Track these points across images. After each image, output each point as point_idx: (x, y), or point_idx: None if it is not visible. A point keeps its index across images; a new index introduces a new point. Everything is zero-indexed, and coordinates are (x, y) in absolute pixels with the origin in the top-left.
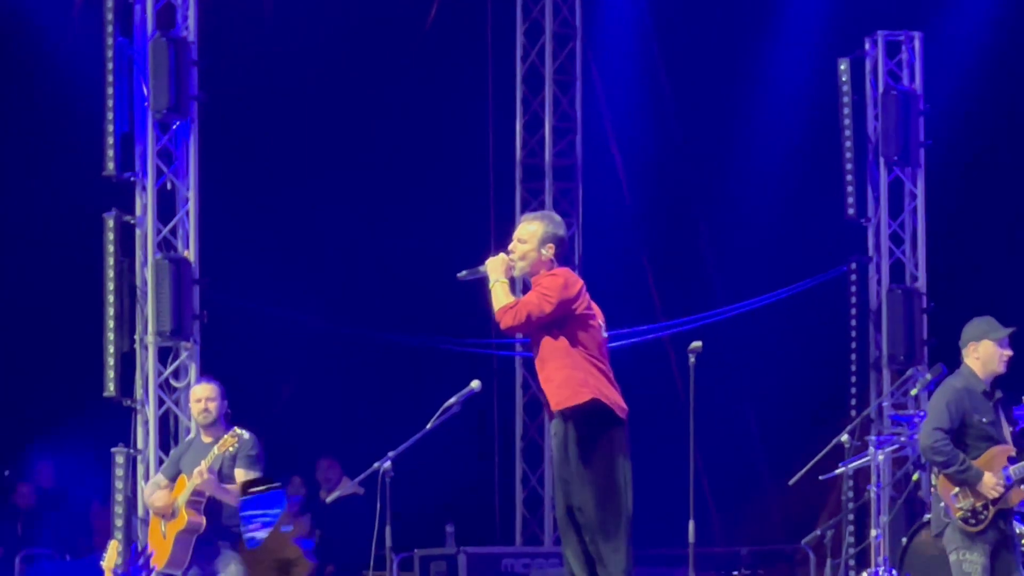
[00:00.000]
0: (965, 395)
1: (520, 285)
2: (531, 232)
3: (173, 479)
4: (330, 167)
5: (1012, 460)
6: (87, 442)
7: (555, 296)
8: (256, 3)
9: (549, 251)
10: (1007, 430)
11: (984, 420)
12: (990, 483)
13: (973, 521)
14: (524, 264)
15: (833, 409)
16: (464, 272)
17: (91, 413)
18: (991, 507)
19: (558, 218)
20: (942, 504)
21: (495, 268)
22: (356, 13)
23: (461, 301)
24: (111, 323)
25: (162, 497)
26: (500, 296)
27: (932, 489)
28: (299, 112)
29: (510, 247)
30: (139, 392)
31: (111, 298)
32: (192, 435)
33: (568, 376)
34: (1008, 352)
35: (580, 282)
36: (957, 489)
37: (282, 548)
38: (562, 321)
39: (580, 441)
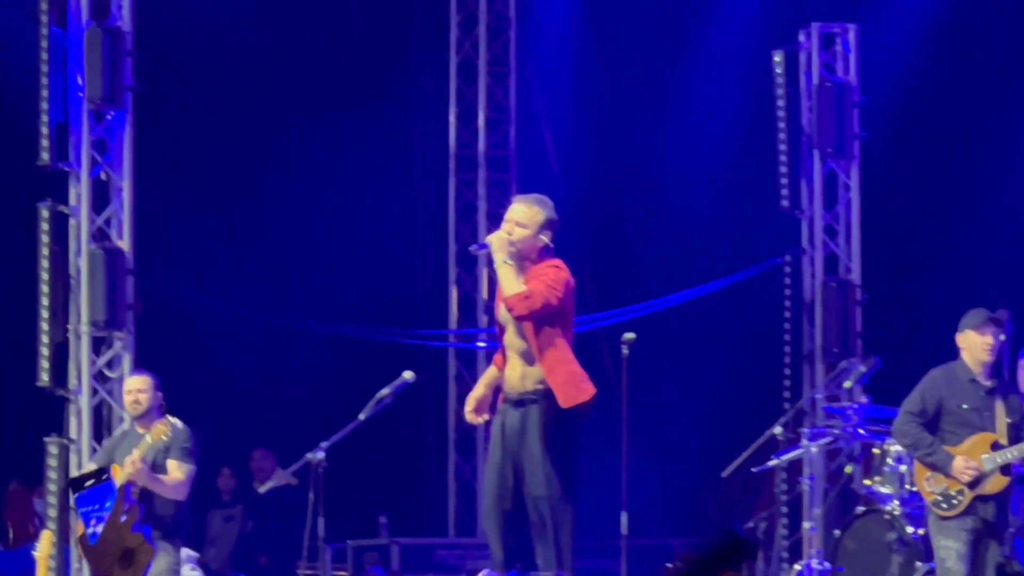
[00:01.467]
0: (943, 382)
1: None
2: (531, 217)
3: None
4: (264, 158)
5: (996, 447)
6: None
7: (561, 290)
8: None
9: (547, 237)
10: (1003, 420)
11: (964, 406)
12: (960, 467)
13: (945, 506)
14: (522, 247)
15: (766, 401)
16: (473, 247)
17: (24, 403)
18: (967, 492)
19: (551, 203)
20: (916, 489)
21: (499, 247)
22: (291, 5)
23: (394, 292)
24: (45, 313)
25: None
26: (511, 281)
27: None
28: (233, 103)
29: (507, 229)
30: (73, 382)
31: (45, 288)
32: (126, 425)
33: (570, 373)
34: (989, 340)
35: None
36: (929, 473)
37: (122, 538)
38: (561, 314)
39: (565, 436)
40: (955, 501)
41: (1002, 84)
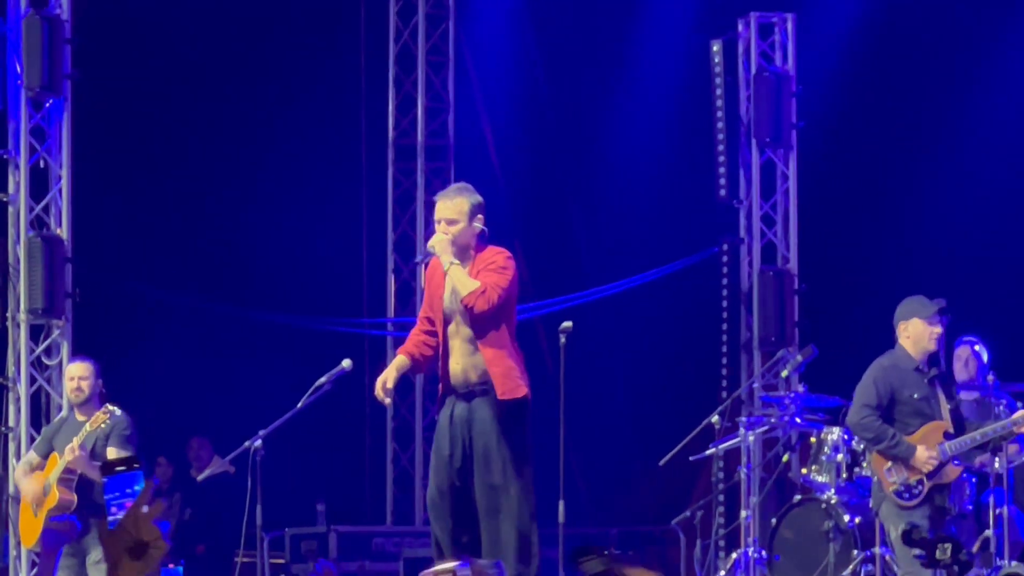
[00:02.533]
0: (892, 371)
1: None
2: (459, 209)
3: (45, 456)
4: (203, 145)
5: (948, 436)
6: None
7: (510, 274)
8: None
9: (480, 222)
10: (945, 407)
11: (915, 396)
12: (923, 457)
13: (907, 496)
14: (461, 241)
15: (704, 390)
16: (419, 257)
17: None
18: (926, 482)
19: (471, 187)
20: (876, 479)
21: (443, 250)
22: None
23: (333, 280)
24: None
25: (32, 488)
26: (464, 279)
27: (867, 464)
28: (172, 91)
29: (441, 230)
30: (11, 370)
31: None
32: (64, 413)
33: (511, 367)
34: (938, 329)
35: None
36: (890, 464)
37: (139, 529)
38: (509, 303)
39: (516, 426)
40: (916, 491)
41: (938, 74)
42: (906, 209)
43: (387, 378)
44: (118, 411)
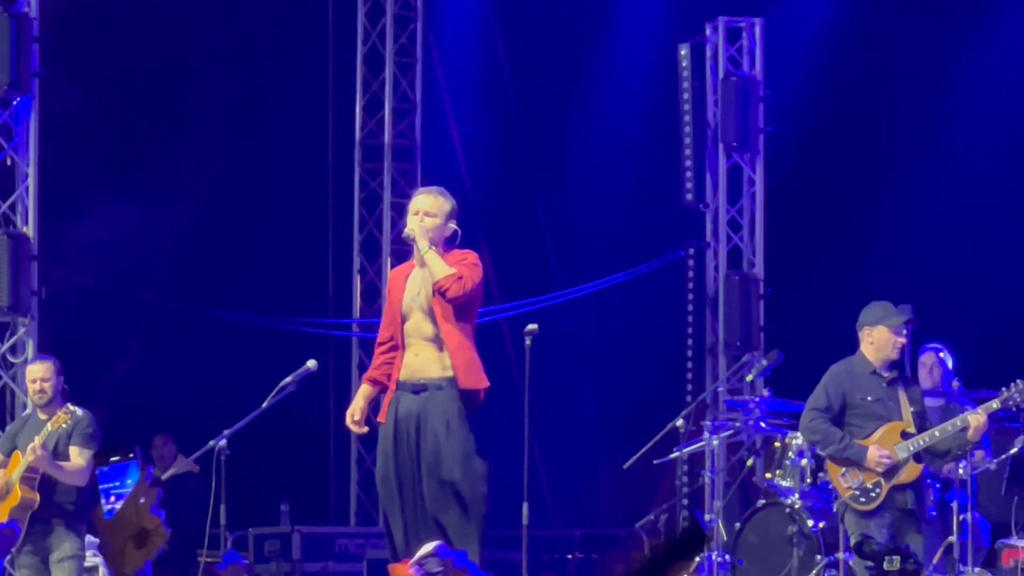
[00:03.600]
0: (845, 376)
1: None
2: (439, 206)
3: (8, 454)
4: (169, 145)
5: (906, 436)
6: None
7: (480, 272)
8: None
9: (454, 224)
10: (907, 409)
11: (868, 398)
12: (874, 457)
13: (864, 500)
14: (434, 236)
15: (669, 394)
16: (405, 233)
17: None
18: (884, 483)
19: (449, 193)
20: (832, 486)
21: (422, 235)
22: None
23: (299, 280)
24: None
25: None
26: (439, 264)
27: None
28: (139, 91)
29: (410, 223)
30: None
31: None
32: (28, 411)
33: (473, 358)
34: (902, 340)
35: None
36: (844, 469)
37: (139, 518)
38: (473, 302)
39: (469, 420)
40: (873, 494)
41: (906, 80)
42: (872, 215)
43: (354, 410)
44: (79, 411)
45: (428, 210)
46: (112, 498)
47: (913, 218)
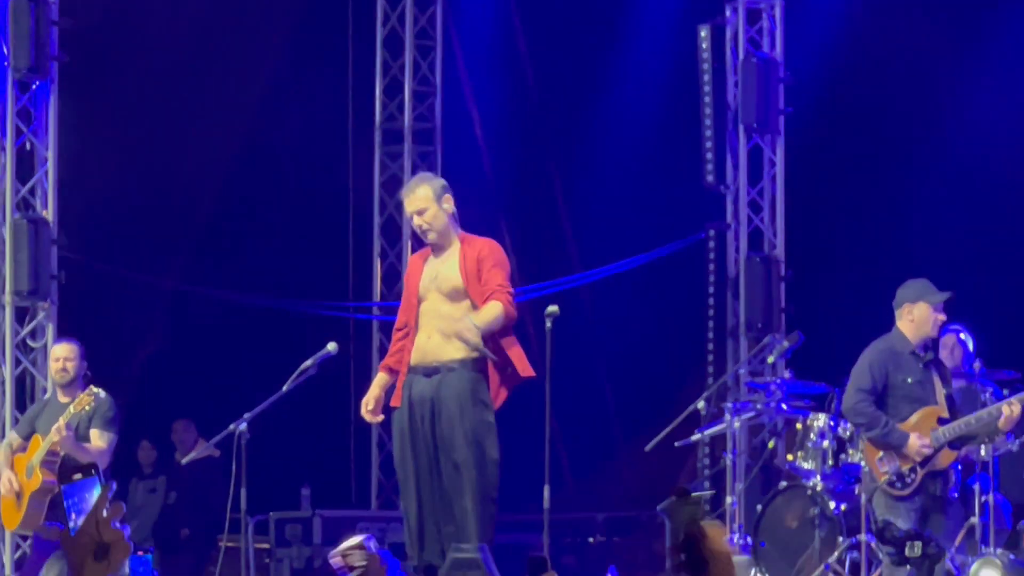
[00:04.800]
0: (889, 355)
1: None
2: (424, 196)
3: (27, 438)
4: (189, 129)
5: (942, 421)
6: None
7: (508, 269)
8: None
9: (449, 203)
10: (940, 392)
11: (909, 380)
12: (915, 446)
13: (899, 485)
14: (438, 228)
15: (690, 376)
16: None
17: None
18: (919, 470)
19: (429, 173)
20: (867, 469)
21: (473, 336)
22: None
23: (319, 263)
24: None
25: (7, 480)
26: (488, 319)
27: (860, 451)
28: (159, 74)
29: (415, 224)
30: None
31: None
32: (48, 394)
33: (519, 348)
34: (942, 317)
35: None
36: (882, 453)
37: (100, 532)
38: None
39: (478, 402)
40: (908, 479)
41: (927, 60)
42: (893, 195)
43: (369, 400)
44: (102, 393)
45: (417, 208)
46: (73, 515)
47: (933, 198)
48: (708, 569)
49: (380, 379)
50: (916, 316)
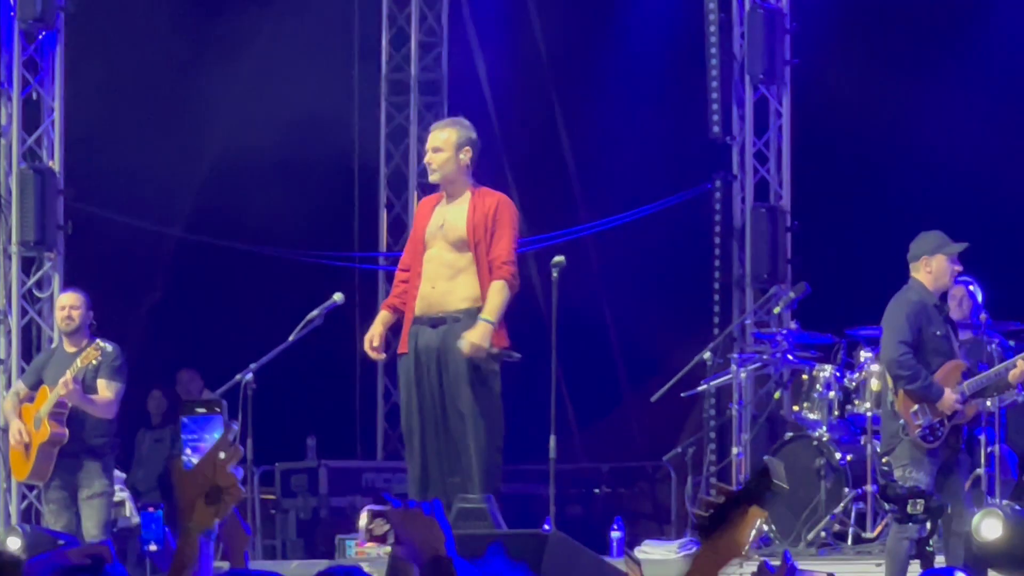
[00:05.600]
0: (921, 308)
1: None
2: (445, 139)
3: (34, 387)
4: (194, 78)
5: (965, 375)
6: None
7: (517, 229)
8: None
9: (467, 155)
10: (956, 345)
11: (938, 333)
12: (949, 400)
13: (931, 438)
14: (445, 171)
15: (696, 326)
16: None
17: None
18: (947, 423)
19: (467, 122)
20: (901, 422)
21: (482, 340)
22: None
23: (326, 214)
24: None
25: (15, 430)
26: (497, 305)
27: (887, 404)
28: (163, 22)
29: (426, 159)
30: (2, 302)
31: None
32: (55, 344)
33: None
34: (959, 267)
35: None
36: (917, 406)
37: (216, 474)
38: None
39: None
40: (939, 432)
41: (935, 9)
42: (899, 146)
43: (372, 336)
44: (109, 345)
45: (436, 145)
46: (189, 451)
47: (940, 150)
48: (722, 535)
49: (382, 316)
50: (934, 268)
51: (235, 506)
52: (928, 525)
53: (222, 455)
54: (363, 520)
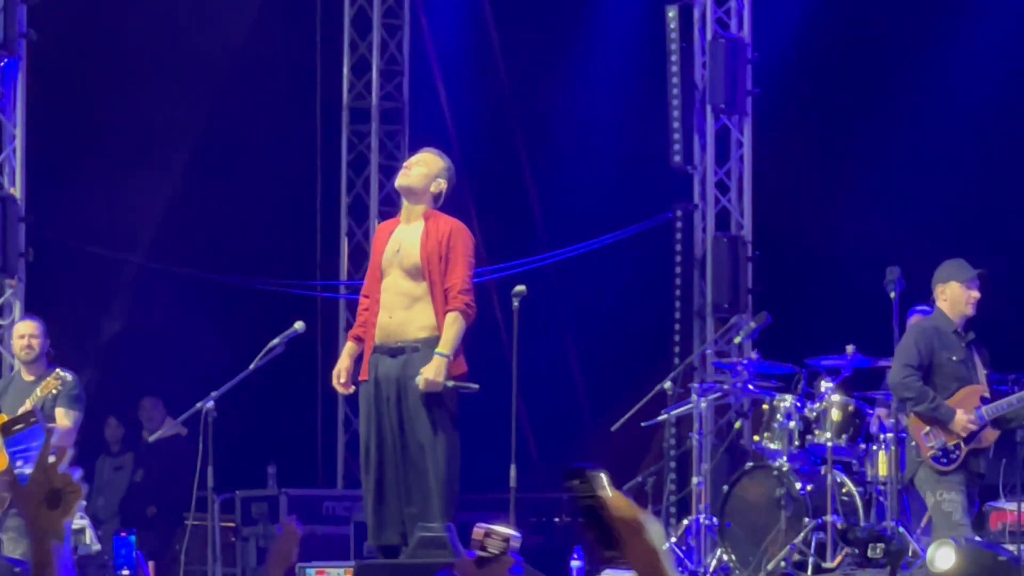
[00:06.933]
0: (933, 333)
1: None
2: (431, 162)
3: None
4: (156, 107)
5: (985, 400)
6: None
7: (472, 258)
8: None
9: (439, 186)
10: (982, 372)
11: (954, 359)
12: (962, 421)
13: (945, 460)
14: (416, 183)
15: (657, 356)
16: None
17: None
18: (963, 446)
19: (451, 163)
20: (914, 444)
21: (437, 375)
22: None
23: (286, 242)
24: None
25: None
26: (452, 338)
27: (905, 429)
28: (127, 51)
29: (406, 163)
30: None
31: None
32: (14, 371)
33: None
34: (976, 293)
35: None
36: (928, 428)
37: (49, 479)
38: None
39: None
40: (953, 456)
41: (895, 41)
42: (860, 176)
43: (340, 371)
44: (68, 375)
45: (424, 160)
46: (20, 462)
47: (901, 179)
48: (617, 537)
49: (348, 348)
50: (949, 295)
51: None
52: (890, 568)
53: (51, 458)
54: (501, 527)
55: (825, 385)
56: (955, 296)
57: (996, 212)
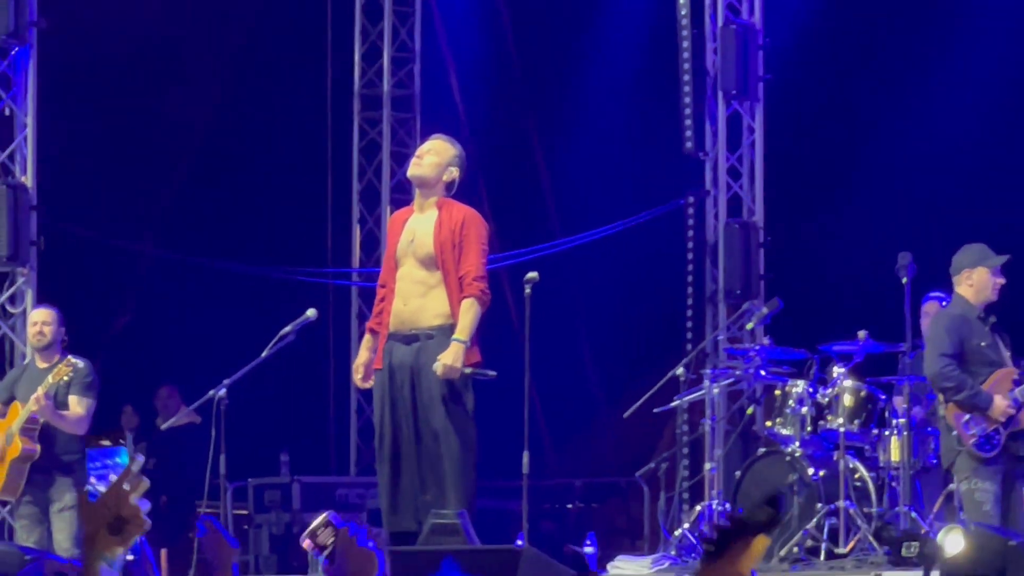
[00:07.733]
0: (961, 321)
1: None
2: (442, 150)
3: (6, 403)
4: (167, 95)
5: (1016, 382)
6: None
7: (487, 244)
8: None
9: (451, 174)
10: (1007, 354)
11: (983, 344)
12: (1001, 406)
13: (987, 447)
14: (427, 173)
15: (669, 342)
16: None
17: None
18: (1003, 431)
19: (462, 148)
20: (954, 433)
21: (456, 361)
22: None
23: (298, 230)
24: None
25: None
26: (468, 324)
27: (940, 419)
28: (138, 40)
29: (417, 152)
30: None
31: None
32: (27, 359)
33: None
34: (1001, 280)
35: None
36: (968, 416)
37: (119, 505)
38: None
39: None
40: (995, 441)
41: (907, 26)
42: (873, 162)
43: (359, 365)
44: (80, 362)
45: (435, 149)
46: (93, 479)
47: (914, 163)
48: (725, 561)
49: (366, 341)
50: (975, 280)
51: (214, 519)
52: (925, 567)
53: (126, 486)
54: (316, 522)
55: (837, 371)
56: (981, 281)
57: (1009, 197)
